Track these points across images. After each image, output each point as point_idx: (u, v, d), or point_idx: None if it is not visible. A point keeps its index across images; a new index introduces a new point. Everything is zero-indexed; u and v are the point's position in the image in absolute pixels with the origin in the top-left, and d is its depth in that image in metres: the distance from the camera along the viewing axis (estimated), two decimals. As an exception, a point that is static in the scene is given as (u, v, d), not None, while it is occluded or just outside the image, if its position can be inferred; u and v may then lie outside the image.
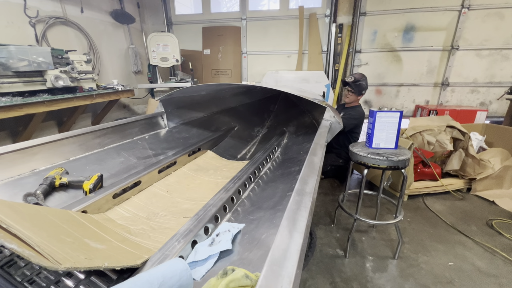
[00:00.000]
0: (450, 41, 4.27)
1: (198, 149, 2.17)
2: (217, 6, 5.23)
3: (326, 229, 2.18)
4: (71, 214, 1.00)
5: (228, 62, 5.04)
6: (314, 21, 4.65)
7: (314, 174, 1.00)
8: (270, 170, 1.83)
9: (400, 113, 1.71)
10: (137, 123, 2.00)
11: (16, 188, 1.15)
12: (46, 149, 1.36)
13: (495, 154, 2.68)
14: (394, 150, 1.76)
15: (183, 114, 2.46)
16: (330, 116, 1.86)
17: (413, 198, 2.66)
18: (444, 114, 3.81)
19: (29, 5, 3.06)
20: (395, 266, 1.78)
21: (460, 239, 2.05)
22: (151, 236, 1.14)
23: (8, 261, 0.78)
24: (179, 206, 1.47)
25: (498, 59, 4.20)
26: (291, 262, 0.55)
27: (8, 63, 2.30)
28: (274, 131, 2.98)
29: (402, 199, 1.87)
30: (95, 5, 4.04)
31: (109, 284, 0.76)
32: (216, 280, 0.66)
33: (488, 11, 4.04)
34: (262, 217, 1.13)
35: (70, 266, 0.64)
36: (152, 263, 0.84)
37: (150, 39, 4.06)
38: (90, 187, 1.27)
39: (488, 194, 2.63)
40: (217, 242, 0.96)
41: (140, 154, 1.81)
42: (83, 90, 3.01)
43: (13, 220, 0.69)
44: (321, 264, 1.80)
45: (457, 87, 4.49)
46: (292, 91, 2.12)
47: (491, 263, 1.79)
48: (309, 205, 0.78)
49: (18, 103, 2.28)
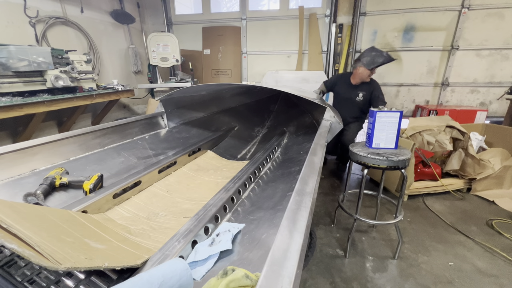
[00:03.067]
0: (450, 41, 4.27)
1: (198, 149, 2.17)
2: (217, 6, 5.23)
3: (326, 229, 2.18)
4: (71, 214, 1.00)
5: (228, 62, 5.04)
6: (314, 21, 4.65)
7: (314, 174, 1.00)
8: (270, 170, 1.83)
9: (400, 113, 1.71)
10: (137, 123, 2.00)
11: (16, 188, 1.15)
12: (46, 149, 1.36)
13: (495, 154, 2.67)
14: (394, 150, 1.76)
15: (183, 114, 2.46)
16: (330, 116, 1.86)
17: (413, 198, 2.66)
18: (444, 114, 3.81)
19: (29, 5, 3.06)
20: (395, 266, 1.78)
21: (460, 239, 2.05)
22: (151, 236, 1.14)
23: (9, 261, 0.78)
24: (179, 206, 1.48)
25: (498, 59, 4.20)
26: (291, 262, 0.55)
27: (8, 63, 2.30)
28: (274, 131, 2.98)
29: (402, 199, 1.87)
30: (95, 5, 4.04)
31: (109, 284, 0.76)
32: (216, 280, 0.66)
33: (488, 11, 4.04)
34: (262, 217, 1.13)
35: (70, 266, 0.64)
36: (152, 263, 0.84)
37: (150, 39, 4.06)
38: (90, 187, 1.27)
39: (488, 194, 2.63)
40: (217, 242, 0.96)
41: (140, 154, 1.81)
42: (83, 90, 3.01)
43: (13, 220, 0.69)
44: (321, 264, 1.79)
45: (457, 87, 4.49)
46: (292, 91, 2.12)
47: (491, 263, 1.79)
48: (309, 205, 0.78)
49: (18, 103, 2.28)
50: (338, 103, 3.09)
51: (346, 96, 2.98)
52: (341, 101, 3.05)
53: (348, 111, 2.98)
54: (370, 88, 2.87)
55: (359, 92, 2.89)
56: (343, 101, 3.02)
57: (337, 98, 3.13)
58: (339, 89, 3.06)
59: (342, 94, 3.02)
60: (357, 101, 2.93)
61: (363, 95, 2.89)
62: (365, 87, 2.87)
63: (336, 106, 3.03)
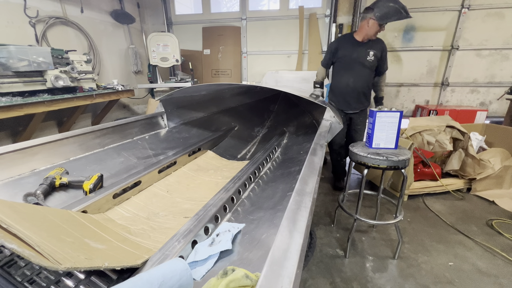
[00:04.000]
0: (450, 41, 4.27)
1: (198, 149, 2.17)
2: (217, 6, 5.23)
3: (326, 229, 2.18)
4: (71, 214, 1.00)
5: (228, 62, 5.04)
6: (314, 21, 4.64)
7: (314, 174, 1.00)
8: (270, 170, 1.83)
9: (400, 113, 1.72)
10: (137, 123, 2.00)
11: (16, 188, 1.15)
12: (46, 149, 1.36)
13: (495, 154, 2.68)
14: (394, 150, 1.76)
15: (183, 114, 2.46)
16: (330, 116, 1.86)
17: (413, 198, 2.66)
18: (444, 114, 3.81)
19: (29, 5, 3.06)
20: (395, 266, 1.78)
21: (460, 239, 2.05)
22: (151, 236, 1.14)
23: (8, 261, 0.78)
24: (179, 206, 1.48)
25: (498, 59, 4.20)
26: (291, 262, 0.55)
27: (8, 63, 2.29)
28: (274, 131, 2.98)
29: (402, 199, 1.87)
30: (95, 5, 4.04)
31: (109, 284, 0.76)
32: (216, 280, 0.66)
33: (488, 11, 4.03)
34: (262, 217, 1.13)
35: (70, 266, 0.64)
36: (152, 263, 0.84)
37: (150, 39, 4.06)
38: (90, 187, 1.27)
39: (488, 194, 2.63)
40: (217, 242, 0.96)
41: (140, 154, 1.81)
42: (83, 90, 3.01)
43: (13, 220, 0.69)
44: (321, 264, 1.80)
45: (457, 87, 4.49)
46: (292, 91, 2.12)
47: (491, 263, 1.79)
48: (309, 205, 0.78)
49: (18, 103, 2.28)
50: (342, 70, 2.50)
51: (354, 56, 2.40)
52: (346, 66, 2.47)
53: (359, 78, 2.43)
54: (380, 47, 2.40)
55: (369, 50, 2.38)
56: (349, 65, 2.45)
57: (341, 63, 2.50)
58: (343, 51, 2.45)
59: (348, 55, 2.43)
60: (368, 61, 2.38)
61: (374, 54, 2.37)
62: (375, 45, 2.40)
63: (340, 76, 2.52)
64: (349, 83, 2.49)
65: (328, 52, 2.58)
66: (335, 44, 2.54)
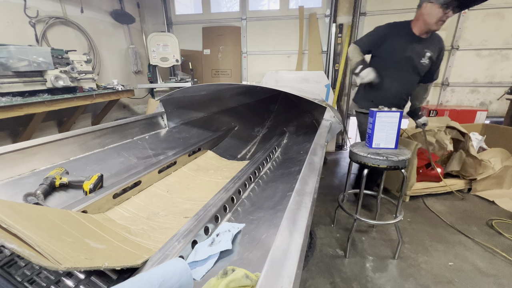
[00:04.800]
0: (450, 41, 4.27)
1: (198, 149, 2.17)
2: (217, 6, 5.23)
3: (326, 229, 2.18)
4: (71, 214, 1.00)
5: (228, 62, 5.04)
6: (314, 21, 4.64)
7: (314, 174, 1.00)
8: (270, 170, 1.83)
9: (400, 113, 1.71)
10: (137, 123, 2.00)
11: (16, 188, 1.15)
12: (46, 149, 1.36)
13: (495, 154, 2.68)
14: (394, 150, 1.76)
15: (183, 114, 2.46)
16: (330, 116, 1.86)
17: (413, 198, 2.66)
18: (444, 114, 3.81)
19: (29, 5, 3.06)
20: (395, 266, 1.78)
21: (460, 239, 2.05)
22: (151, 236, 1.14)
23: (8, 261, 0.78)
24: (179, 206, 1.47)
25: (498, 59, 4.20)
26: (291, 262, 0.55)
27: (8, 63, 2.29)
28: (274, 131, 2.98)
29: (402, 199, 1.87)
30: (95, 5, 4.04)
31: (109, 284, 0.76)
32: (216, 280, 0.66)
33: (488, 11, 4.03)
34: (262, 217, 1.13)
35: (70, 266, 0.64)
36: (152, 263, 0.84)
37: (150, 39, 4.06)
38: (90, 187, 1.27)
39: (488, 194, 2.63)
40: (217, 242, 0.96)
41: (140, 154, 1.81)
42: (83, 90, 3.01)
43: (13, 220, 0.69)
44: (321, 264, 1.79)
45: (457, 87, 4.49)
46: (292, 91, 2.12)
47: (491, 263, 1.79)
48: (309, 205, 0.78)
49: (18, 103, 2.28)
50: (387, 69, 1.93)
51: (407, 55, 1.85)
52: (395, 65, 1.91)
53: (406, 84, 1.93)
54: (438, 47, 1.88)
55: (425, 50, 1.85)
56: (399, 65, 1.90)
57: (388, 60, 1.93)
58: (394, 44, 1.87)
59: (399, 51, 1.86)
60: (421, 64, 1.87)
61: (430, 57, 1.86)
62: (433, 43, 1.86)
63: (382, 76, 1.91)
64: (392, 87, 1.95)
65: (372, 36, 1.94)
66: (385, 29, 1.90)
